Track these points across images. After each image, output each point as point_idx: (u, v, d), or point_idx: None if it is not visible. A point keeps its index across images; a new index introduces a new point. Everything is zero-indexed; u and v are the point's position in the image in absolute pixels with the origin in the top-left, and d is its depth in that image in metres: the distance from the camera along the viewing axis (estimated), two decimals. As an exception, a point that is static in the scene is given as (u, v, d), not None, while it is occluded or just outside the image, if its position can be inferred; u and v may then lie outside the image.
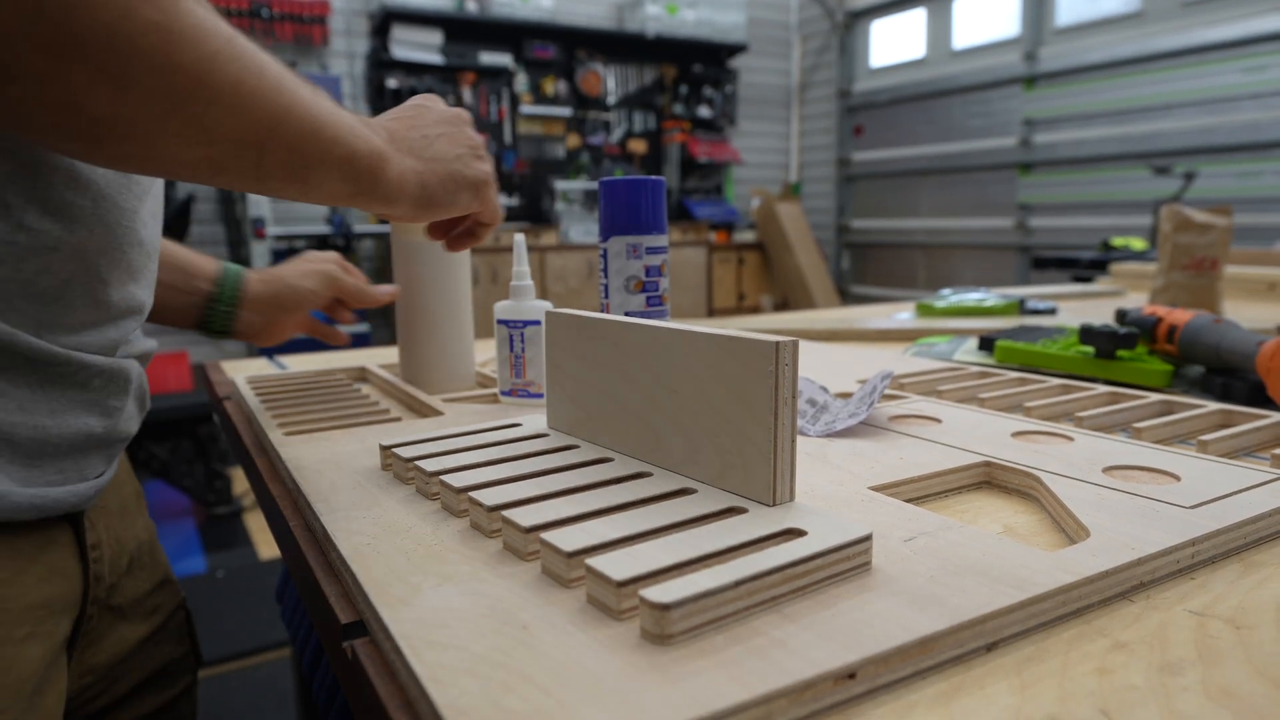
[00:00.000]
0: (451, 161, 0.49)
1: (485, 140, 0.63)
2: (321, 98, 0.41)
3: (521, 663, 0.29)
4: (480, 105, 4.67)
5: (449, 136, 0.49)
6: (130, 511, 0.60)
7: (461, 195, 0.49)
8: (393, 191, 0.45)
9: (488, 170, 0.51)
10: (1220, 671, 0.30)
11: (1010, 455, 0.53)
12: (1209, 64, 3.63)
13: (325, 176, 0.41)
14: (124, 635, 0.56)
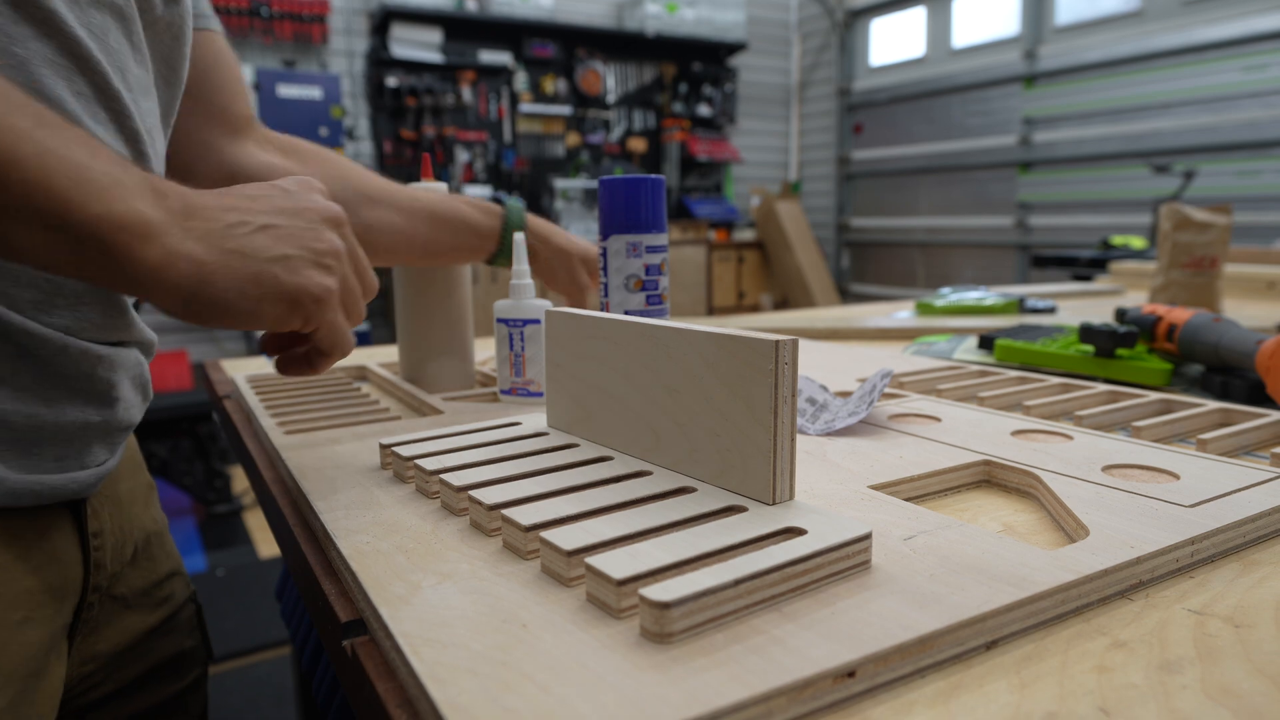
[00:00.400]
0: (269, 261, 0.38)
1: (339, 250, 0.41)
2: (78, 142, 0.33)
3: (521, 661, 0.29)
4: (480, 104, 4.67)
5: (282, 231, 0.39)
6: (140, 502, 0.59)
7: (267, 306, 0.38)
8: (145, 275, 0.34)
9: (327, 285, 0.40)
10: (1219, 670, 0.30)
11: (1010, 454, 0.53)
12: (1208, 62, 3.63)
13: (23, 232, 0.31)
14: (128, 625, 0.56)
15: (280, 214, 0.40)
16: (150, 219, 0.34)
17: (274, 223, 0.39)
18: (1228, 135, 3.59)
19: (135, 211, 0.33)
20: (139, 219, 0.33)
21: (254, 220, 0.38)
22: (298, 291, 0.38)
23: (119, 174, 0.33)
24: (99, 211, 0.32)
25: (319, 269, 0.40)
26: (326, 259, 0.40)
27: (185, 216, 0.36)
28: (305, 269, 0.39)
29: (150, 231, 0.33)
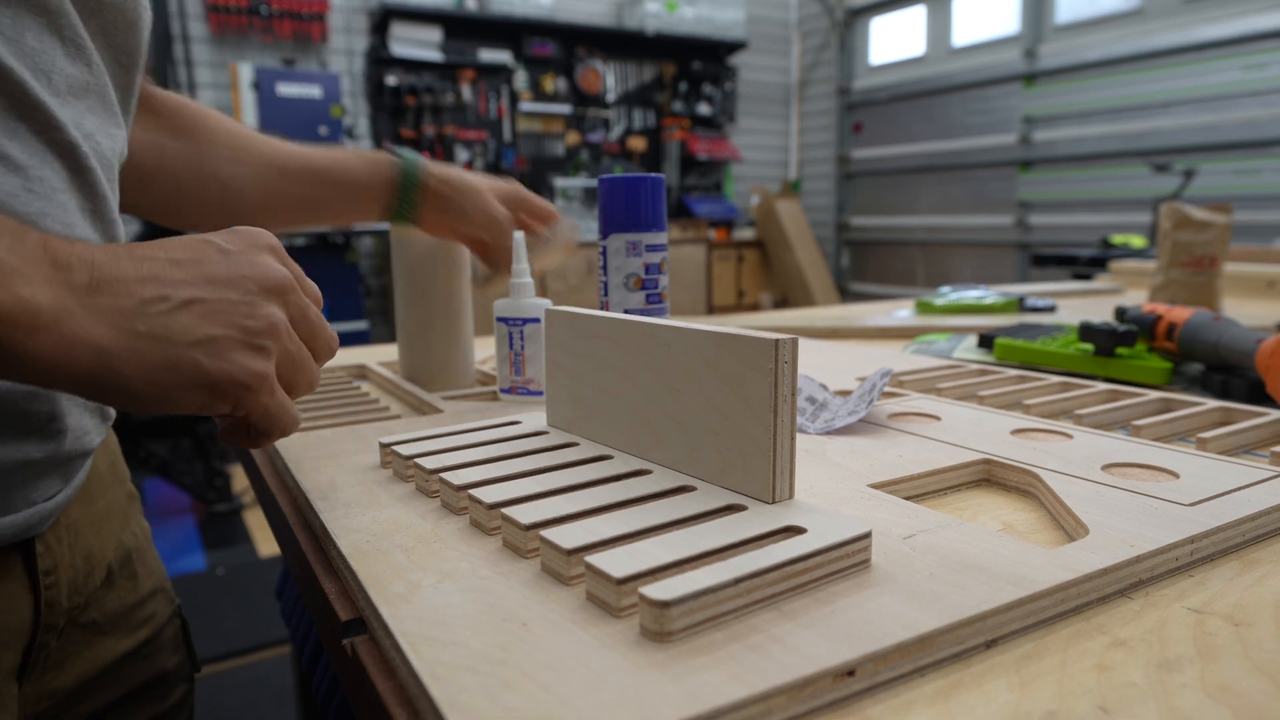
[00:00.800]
0: (189, 346, 0.33)
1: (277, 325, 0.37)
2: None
3: (521, 660, 0.29)
4: (480, 102, 4.67)
5: (209, 307, 0.34)
6: (117, 518, 0.55)
7: (184, 394, 0.33)
8: (36, 368, 0.30)
9: (257, 370, 0.35)
10: (1219, 668, 0.30)
11: (1009, 453, 0.53)
12: (1209, 61, 3.63)
13: None
14: (100, 653, 0.52)
15: (210, 284, 0.35)
16: (39, 306, 0.30)
17: (199, 296, 0.34)
18: (1228, 134, 3.59)
19: (19, 300, 0.29)
20: (24, 308, 0.29)
21: (176, 295, 0.34)
22: (222, 379, 0.34)
23: (3, 253, 0.29)
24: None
25: (250, 351, 0.35)
26: (260, 338, 0.35)
27: (91, 292, 0.32)
28: (233, 352, 0.34)
29: (39, 321, 0.30)
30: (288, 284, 0.38)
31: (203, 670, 0.66)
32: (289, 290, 0.38)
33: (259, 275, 0.36)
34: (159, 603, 0.59)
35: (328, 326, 0.41)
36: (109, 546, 0.53)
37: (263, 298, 0.36)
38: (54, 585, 0.47)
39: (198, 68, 4.02)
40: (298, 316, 0.38)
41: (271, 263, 0.38)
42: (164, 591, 0.60)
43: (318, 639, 0.80)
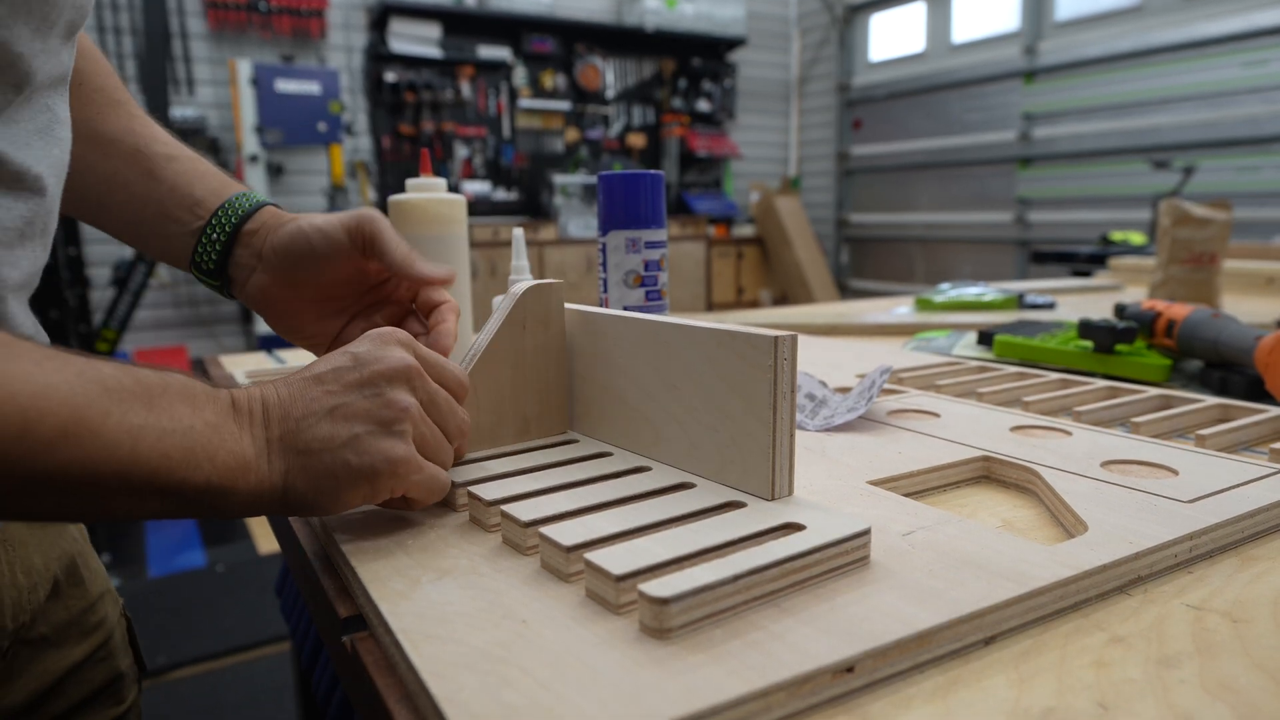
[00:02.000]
0: (337, 449, 0.37)
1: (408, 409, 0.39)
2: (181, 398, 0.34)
3: (520, 657, 0.29)
4: (479, 99, 4.66)
5: (349, 409, 0.38)
6: (53, 529, 0.53)
7: (347, 493, 0.37)
8: (243, 506, 0.36)
9: (397, 455, 0.38)
10: (1217, 665, 0.30)
11: (1009, 450, 0.53)
12: (1209, 58, 3.62)
13: (138, 504, 0.33)
14: (51, 665, 0.51)
15: (346, 389, 0.38)
16: (244, 455, 0.36)
17: (340, 403, 0.38)
18: (1228, 131, 3.59)
19: (232, 455, 0.35)
20: (236, 460, 0.35)
21: (320, 407, 0.38)
22: (369, 471, 0.37)
23: (212, 417, 0.35)
24: (208, 470, 0.34)
25: (390, 438, 0.38)
26: (397, 425, 0.38)
27: (266, 426, 0.37)
28: (374, 444, 0.37)
29: (247, 466, 0.35)
30: (413, 370, 0.40)
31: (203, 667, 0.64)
32: (415, 376, 0.40)
33: (386, 367, 0.39)
34: (107, 606, 0.57)
35: (459, 411, 0.43)
36: (52, 557, 0.52)
37: (392, 388, 0.39)
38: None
39: (196, 64, 4.02)
40: (427, 401, 0.41)
41: (398, 353, 0.40)
42: (110, 594, 0.58)
43: (317, 636, 0.80)
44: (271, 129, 3.86)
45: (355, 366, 0.39)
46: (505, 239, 4.38)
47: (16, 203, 0.41)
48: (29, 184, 0.41)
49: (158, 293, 4.03)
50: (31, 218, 0.42)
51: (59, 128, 0.44)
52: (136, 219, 0.55)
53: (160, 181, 0.55)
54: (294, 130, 3.91)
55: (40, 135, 0.42)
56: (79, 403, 0.31)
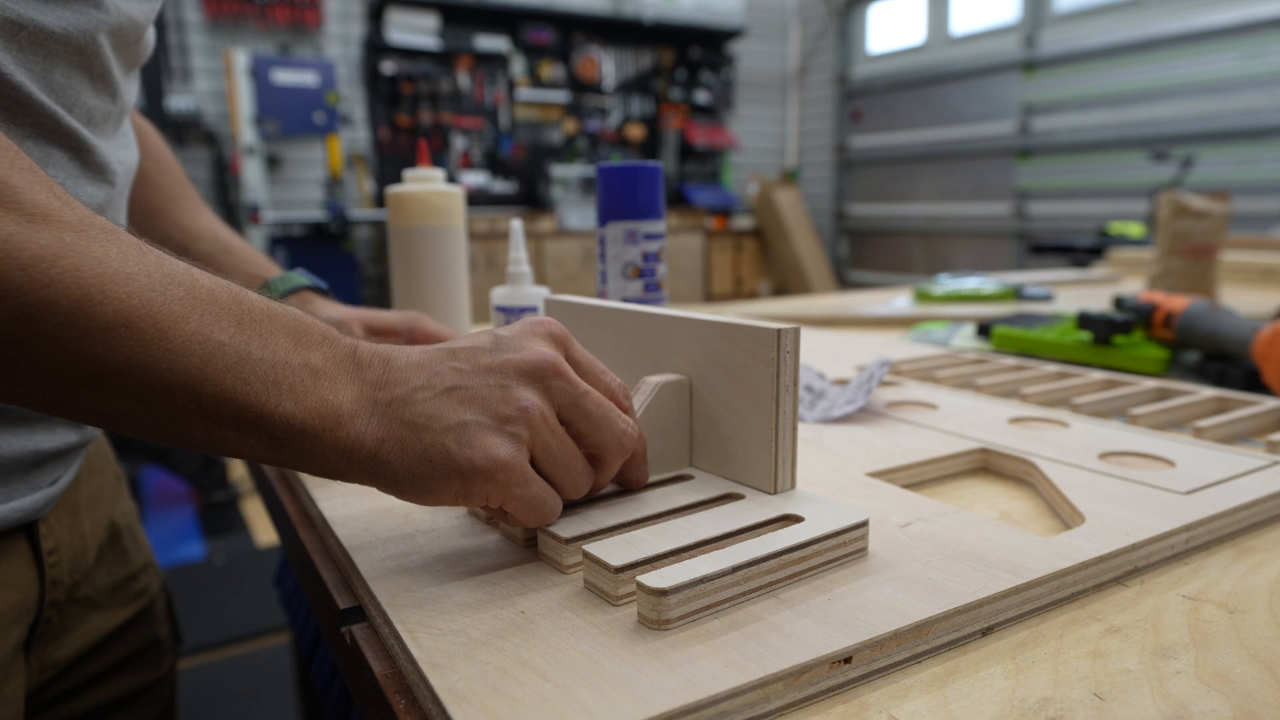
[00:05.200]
0: (442, 432, 0.33)
1: (530, 410, 0.34)
2: (285, 330, 0.33)
3: (519, 648, 0.29)
4: (477, 90, 4.65)
5: (468, 393, 0.34)
6: (105, 499, 0.57)
7: (438, 484, 0.33)
8: (332, 460, 0.33)
9: (501, 458, 0.33)
10: (1213, 655, 0.30)
11: (1006, 441, 0.53)
12: (1208, 50, 3.62)
13: (218, 432, 0.32)
14: (97, 625, 0.55)
15: (474, 372, 0.35)
16: (339, 406, 0.33)
17: (461, 384, 0.34)
18: (1226, 123, 3.58)
19: (325, 403, 0.33)
20: (329, 410, 0.33)
21: (440, 383, 0.34)
22: (466, 467, 0.33)
23: (318, 360, 0.33)
24: (290, 408, 0.32)
25: (501, 437, 0.34)
26: (512, 425, 0.34)
27: (380, 386, 0.34)
28: (481, 438, 0.33)
29: (340, 418, 0.33)
30: (551, 367, 0.35)
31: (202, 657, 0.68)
32: (552, 374, 0.35)
33: (521, 359, 0.35)
34: (149, 576, 0.62)
35: (616, 418, 0.37)
36: (100, 526, 0.56)
37: (520, 382, 0.35)
38: (57, 564, 0.50)
39: (192, 54, 4.00)
40: (567, 404, 0.36)
41: (540, 348, 0.36)
42: (152, 566, 0.63)
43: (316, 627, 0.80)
44: (268, 120, 3.85)
45: (492, 350, 0.36)
46: (503, 231, 4.37)
47: (98, 190, 0.45)
48: (108, 176, 0.46)
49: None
50: (105, 205, 0.46)
51: (130, 140, 0.52)
52: None
53: None
54: (291, 121, 3.89)
55: (120, 145, 0.49)
56: (152, 299, 0.30)
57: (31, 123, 0.40)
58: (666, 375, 0.43)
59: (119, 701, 0.57)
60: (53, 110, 0.41)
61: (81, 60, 0.42)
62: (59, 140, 0.42)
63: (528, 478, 0.34)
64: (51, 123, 0.41)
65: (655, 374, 0.45)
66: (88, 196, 0.44)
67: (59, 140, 0.42)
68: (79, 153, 0.43)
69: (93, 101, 0.44)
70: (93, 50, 0.43)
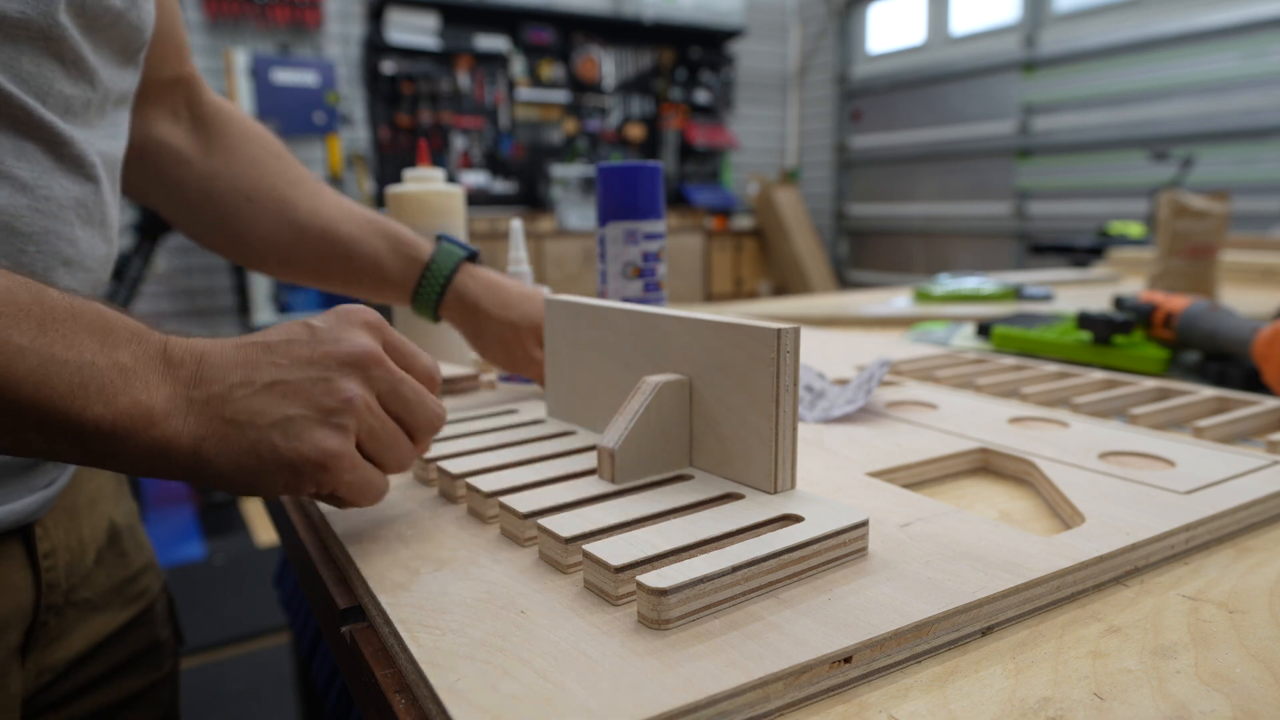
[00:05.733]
0: (268, 428, 0.33)
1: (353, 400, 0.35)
2: (88, 331, 0.32)
3: (519, 647, 0.29)
4: (477, 90, 4.64)
5: (289, 387, 0.34)
6: (105, 500, 0.57)
7: (267, 478, 0.34)
8: (145, 461, 0.33)
9: (330, 449, 0.34)
10: (1213, 655, 0.30)
11: (1006, 441, 0.53)
12: (1208, 49, 3.62)
13: (24, 437, 0.31)
14: (96, 627, 0.54)
15: (293, 365, 0.35)
16: (151, 406, 0.32)
17: (281, 378, 0.34)
18: (1226, 122, 3.58)
19: (135, 403, 0.32)
20: (139, 409, 0.32)
21: (260, 378, 0.34)
22: (296, 459, 0.34)
23: (127, 359, 0.32)
24: (99, 411, 0.31)
25: (326, 429, 0.34)
26: (337, 416, 0.35)
27: (195, 384, 0.34)
28: (307, 431, 0.34)
29: (152, 418, 0.32)
30: (371, 358, 0.36)
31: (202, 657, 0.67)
32: (372, 364, 0.36)
33: (342, 351, 0.36)
34: (150, 577, 0.61)
35: (429, 402, 0.39)
36: (100, 527, 0.55)
37: (341, 374, 0.35)
38: (53, 568, 0.49)
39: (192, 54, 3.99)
40: (386, 391, 0.37)
41: (358, 337, 0.37)
42: (153, 567, 0.62)
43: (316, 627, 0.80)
44: (268, 120, 3.84)
45: (309, 341, 0.36)
46: (503, 231, 4.37)
47: (74, 184, 0.44)
48: (86, 169, 0.44)
49: (155, 284, 4.02)
50: (85, 200, 0.45)
51: (119, 132, 0.49)
52: (353, 289, 0.63)
53: (357, 268, 0.62)
54: (291, 121, 3.89)
55: (104, 136, 0.47)
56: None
57: (3, 113, 0.39)
58: (666, 375, 0.43)
59: (120, 704, 0.57)
60: (23, 100, 0.40)
61: (49, 45, 0.41)
62: (31, 133, 0.41)
63: (356, 464, 0.36)
64: (23, 114, 0.40)
65: (655, 374, 0.45)
66: (63, 190, 0.43)
67: (31, 133, 0.41)
68: (53, 145, 0.42)
69: (69, 90, 0.43)
70: (58, 34, 0.41)
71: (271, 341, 0.36)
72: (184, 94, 0.63)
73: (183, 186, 0.61)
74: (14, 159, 0.40)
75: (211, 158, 0.62)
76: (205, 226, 0.62)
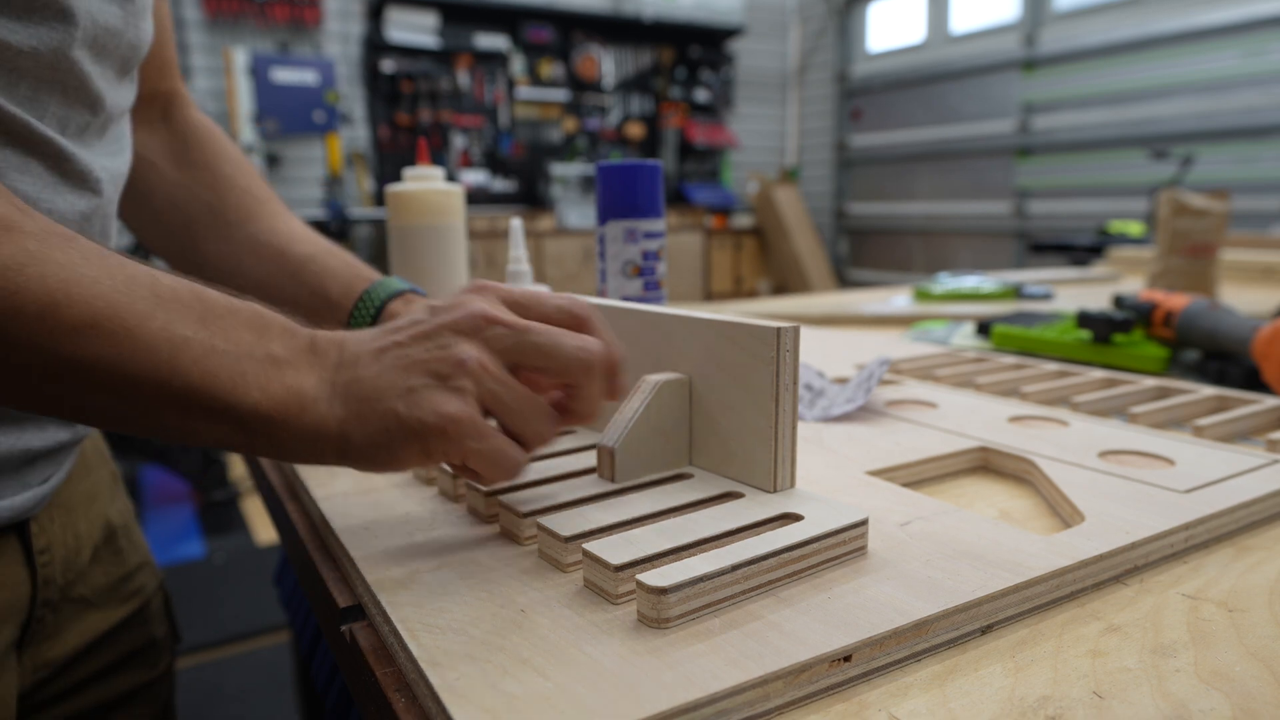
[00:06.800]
0: (391, 399, 0.34)
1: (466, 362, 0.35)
2: (245, 324, 0.34)
3: (518, 646, 0.29)
4: (476, 89, 4.64)
5: (411, 359, 0.35)
6: (100, 498, 0.57)
7: (399, 449, 0.34)
8: (302, 445, 0.34)
9: (447, 412, 0.34)
10: (1212, 654, 0.30)
11: (1006, 440, 0.53)
12: (1208, 48, 3.62)
13: (191, 424, 0.33)
14: (92, 624, 0.54)
15: (414, 341, 0.36)
16: (302, 391, 0.34)
17: (405, 354, 0.35)
18: (1226, 121, 3.58)
19: (287, 390, 0.34)
20: (291, 395, 0.34)
21: (386, 357, 0.35)
22: (418, 426, 0.34)
23: (279, 350, 0.34)
24: (256, 397, 0.33)
25: (444, 393, 0.34)
26: (453, 380, 0.34)
27: (337, 369, 0.35)
28: (427, 398, 0.34)
29: (304, 403, 0.34)
30: (483, 317, 0.36)
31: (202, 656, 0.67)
32: (486, 324, 0.36)
33: (452, 318, 0.36)
34: (146, 575, 0.61)
35: (569, 339, 0.36)
36: (96, 525, 0.56)
37: (455, 340, 0.35)
38: (49, 563, 0.49)
39: (192, 52, 3.99)
40: (510, 346, 0.36)
41: (471, 303, 0.37)
42: (149, 566, 0.62)
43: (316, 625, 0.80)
44: (268, 118, 3.85)
45: (427, 318, 0.37)
46: (503, 229, 4.37)
47: (79, 199, 0.44)
48: (90, 185, 0.45)
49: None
50: (90, 214, 0.45)
51: (122, 146, 0.50)
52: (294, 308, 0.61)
53: (302, 284, 0.61)
54: (290, 120, 3.89)
55: (107, 152, 0.47)
56: (118, 300, 0.31)
57: (4, 130, 0.40)
58: (666, 374, 0.43)
59: (116, 701, 0.57)
60: (25, 120, 0.40)
61: (53, 74, 0.41)
62: (34, 149, 0.41)
63: (481, 430, 0.35)
64: (25, 131, 0.40)
65: (655, 372, 0.45)
66: (68, 205, 0.43)
67: (34, 149, 0.41)
68: (57, 161, 0.42)
69: (65, 112, 0.43)
70: (65, 66, 0.41)
71: (398, 324, 0.37)
72: (163, 107, 0.63)
73: (150, 193, 0.61)
74: (18, 174, 0.41)
75: (180, 169, 0.62)
76: (163, 232, 0.62)
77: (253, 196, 0.63)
